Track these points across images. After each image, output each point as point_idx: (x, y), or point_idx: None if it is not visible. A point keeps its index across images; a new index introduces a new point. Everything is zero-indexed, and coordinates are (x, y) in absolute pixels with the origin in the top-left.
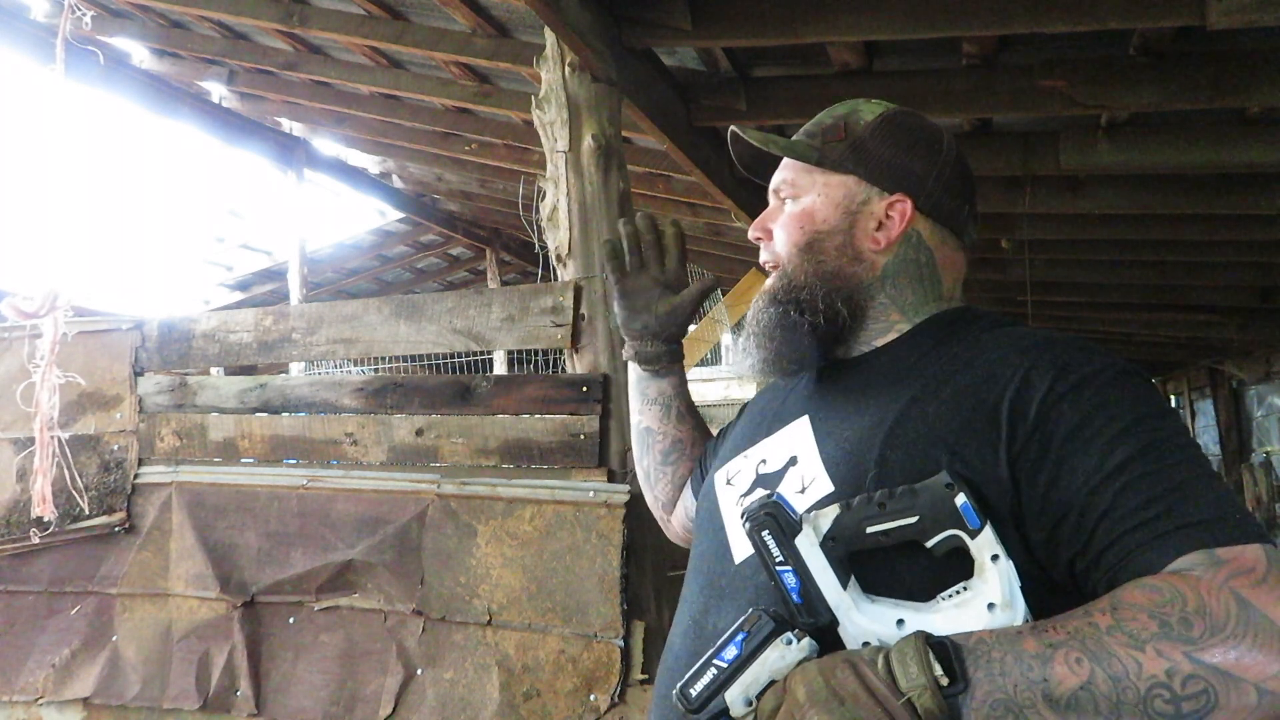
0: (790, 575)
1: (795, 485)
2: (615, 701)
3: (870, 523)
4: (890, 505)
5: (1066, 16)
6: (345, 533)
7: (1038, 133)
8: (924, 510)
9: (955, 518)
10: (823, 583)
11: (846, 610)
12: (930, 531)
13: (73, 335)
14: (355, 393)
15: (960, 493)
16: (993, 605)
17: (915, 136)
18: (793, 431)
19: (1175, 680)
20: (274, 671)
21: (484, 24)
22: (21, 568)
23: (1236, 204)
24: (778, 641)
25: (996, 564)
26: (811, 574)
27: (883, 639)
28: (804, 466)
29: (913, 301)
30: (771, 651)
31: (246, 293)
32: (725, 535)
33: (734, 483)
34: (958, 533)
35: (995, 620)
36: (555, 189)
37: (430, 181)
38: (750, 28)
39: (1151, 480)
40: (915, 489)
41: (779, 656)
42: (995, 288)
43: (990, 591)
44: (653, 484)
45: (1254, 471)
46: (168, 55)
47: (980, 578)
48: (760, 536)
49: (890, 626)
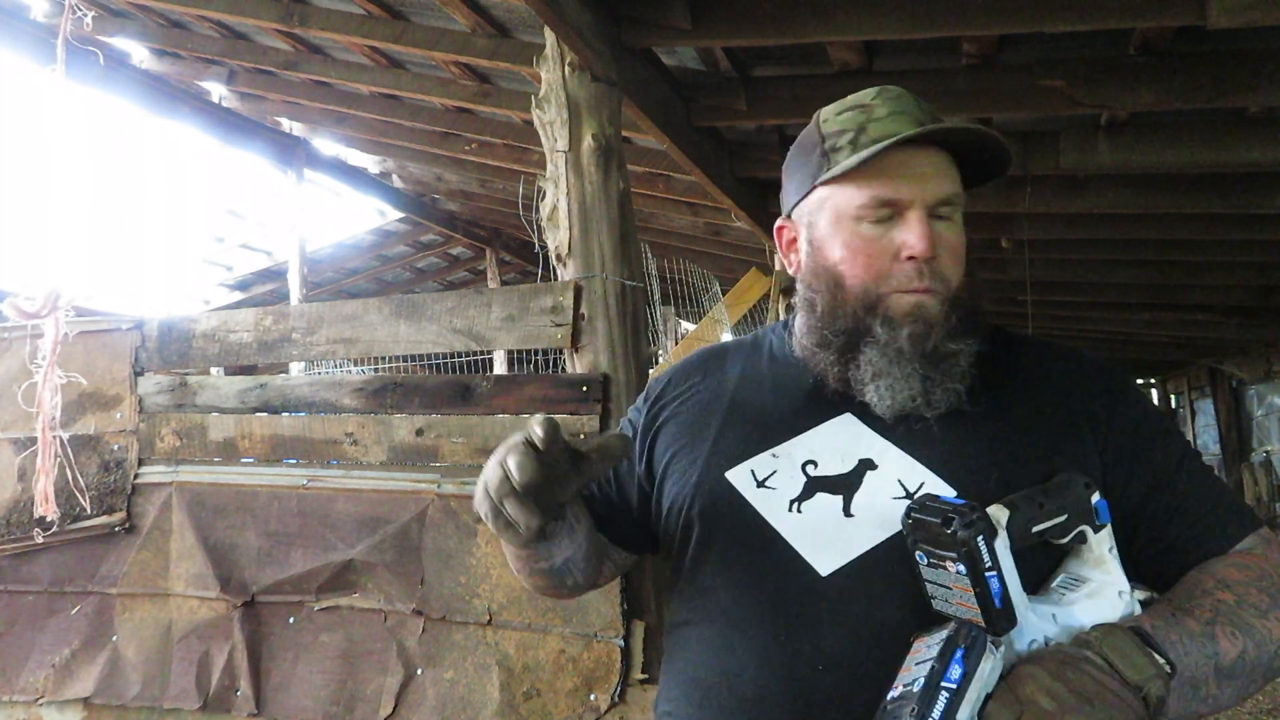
0: (996, 580)
1: (891, 490)
2: (615, 701)
3: (1035, 522)
4: (1048, 505)
5: (1066, 16)
6: (345, 532)
7: (1038, 132)
8: (1070, 508)
9: (1089, 514)
10: (1013, 586)
11: (1025, 611)
12: (1070, 528)
13: (73, 335)
14: (355, 393)
15: (1095, 490)
16: (1122, 593)
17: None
18: (838, 430)
19: None
20: (274, 671)
21: (484, 24)
22: (22, 567)
23: (1236, 204)
24: (985, 652)
25: (1114, 555)
26: (1006, 578)
27: (1049, 637)
28: (895, 469)
29: None
30: (985, 663)
31: (246, 293)
32: (786, 546)
33: (773, 485)
34: (1086, 528)
35: (1126, 607)
36: (555, 189)
37: (430, 181)
38: (750, 27)
39: (1198, 476)
40: (1059, 488)
41: (991, 668)
42: (995, 288)
43: (1116, 580)
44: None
45: (1254, 471)
46: (168, 55)
47: (1099, 569)
48: (977, 543)
49: (1050, 623)
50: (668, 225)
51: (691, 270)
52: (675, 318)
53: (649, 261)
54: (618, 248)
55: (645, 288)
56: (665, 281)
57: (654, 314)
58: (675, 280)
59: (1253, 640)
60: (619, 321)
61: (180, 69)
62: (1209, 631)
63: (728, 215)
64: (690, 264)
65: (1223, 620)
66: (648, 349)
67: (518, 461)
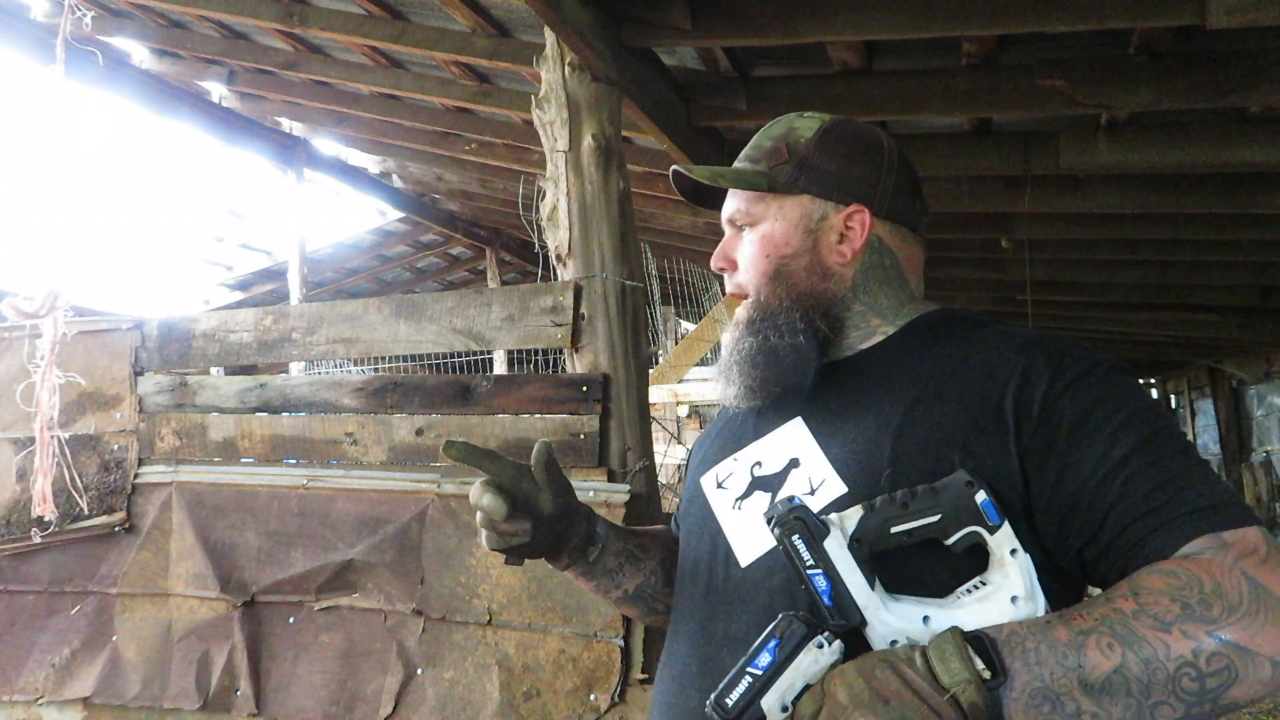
0: (821, 578)
1: (801, 486)
2: (615, 701)
3: (894, 523)
4: (913, 505)
5: (1066, 16)
6: (345, 532)
7: (1038, 132)
8: (946, 509)
9: (975, 515)
10: (852, 584)
11: (875, 610)
12: (951, 529)
13: (73, 335)
14: (355, 392)
15: (980, 490)
16: (1015, 598)
17: (856, 144)
18: (787, 433)
19: (1200, 659)
20: (274, 671)
21: (484, 24)
22: (21, 567)
23: (1236, 204)
24: (810, 645)
25: (1015, 558)
26: (841, 576)
27: (911, 637)
28: (809, 468)
29: (888, 305)
30: (805, 656)
31: (246, 293)
32: (724, 540)
33: (726, 486)
34: (977, 529)
35: (1019, 612)
36: (555, 189)
37: (430, 181)
38: (750, 27)
39: (1154, 470)
40: (936, 488)
41: (812, 661)
42: (995, 288)
43: (1012, 585)
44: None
45: (1254, 471)
46: (168, 55)
47: (1000, 572)
48: (790, 540)
49: (917, 624)
50: (668, 225)
51: (691, 270)
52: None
53: (649, 261)
54: (618, 248)
55: (645, 288)
56: (665, 281)
57: (654, 314)
58: (675, 280)
59: (1137, 654)
60: (619, 321)
61: (180, 69)
62: (1078, 642)
63: None
64: (690, 264)
65: (1102, 631)
66: (648, 349)
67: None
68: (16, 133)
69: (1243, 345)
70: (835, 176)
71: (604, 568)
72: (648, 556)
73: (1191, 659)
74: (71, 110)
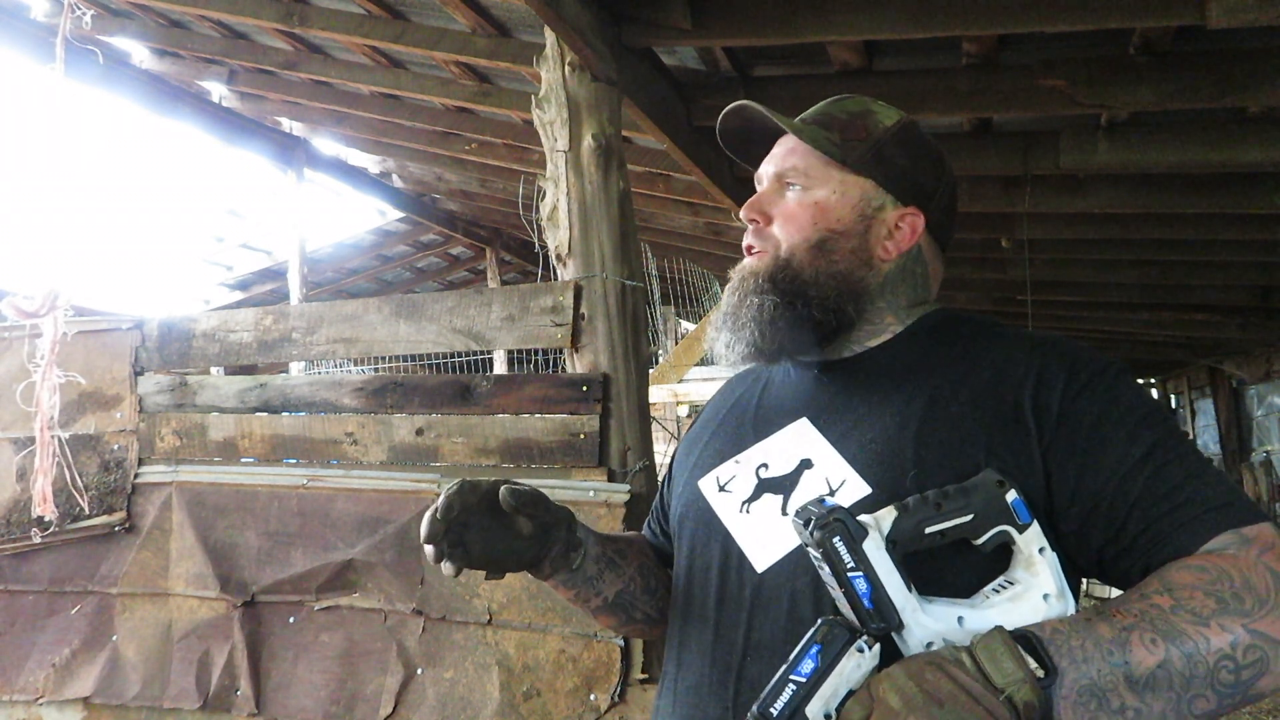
0: (862, 580)
1: (819, 488)
2: (615, 701)
3: (929, 523)
4: (946, 505)
5: (1066, 16)
6: (345, 532)
7: (1038, 132)
8: (978, 508)
9: (1006, 514)
10: (890, 586)
11: (912, 612)
12: (982, 529)
13: (73, 335)
14: (355, 392)
15: (1011, 489)
16: (1047, 596)
17: (927, 151)
18: (794, 434)
19: (1238, 651)
20: (274, 671)
21: (484, 23)
22: (21, 567)
23: (1236, 204)
24: (851, 650)
25: (1044, 556)
26: (880, 578)
27: (947, 638)
28: (824, 469)
29: (904, 305)
30: (847, 661)
31: (246, 292)
32: (735, 544)
33: (729, 489)
34: (1007, 528)
35: (1051, 610)
36: (555, 188)
37: (430, 181)
38: (750, 27)
39: (1172, 469)
40: (966, 488)
41: (855, 666)
42: (995, 287)
43: (1043, 583)
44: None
45: (1254, 471)
46: (168, 55)
47: (1029, 570)
48: (831, 542)
49: (952, 625)
50: (668, 225)
51: (691, 270)
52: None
53: (649, 261)
54: (618, 247)
55: (645, 288)
56: (665, 281)
57: (654, 314)
58: (675, 280)
59: (1180, 649)
60: (619, 321)
61: (180, 69)
62: (1122, 639)
63: (728, 215)
64: (690, 264)
65: (1144, 627)
66: (648, 349)
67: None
68: (16, 133)
69: (1243, 345)
70: (903, 173)
71: (585, 574)
72: (626, 563)
73: (1230, 651)
74: (71, 110)
